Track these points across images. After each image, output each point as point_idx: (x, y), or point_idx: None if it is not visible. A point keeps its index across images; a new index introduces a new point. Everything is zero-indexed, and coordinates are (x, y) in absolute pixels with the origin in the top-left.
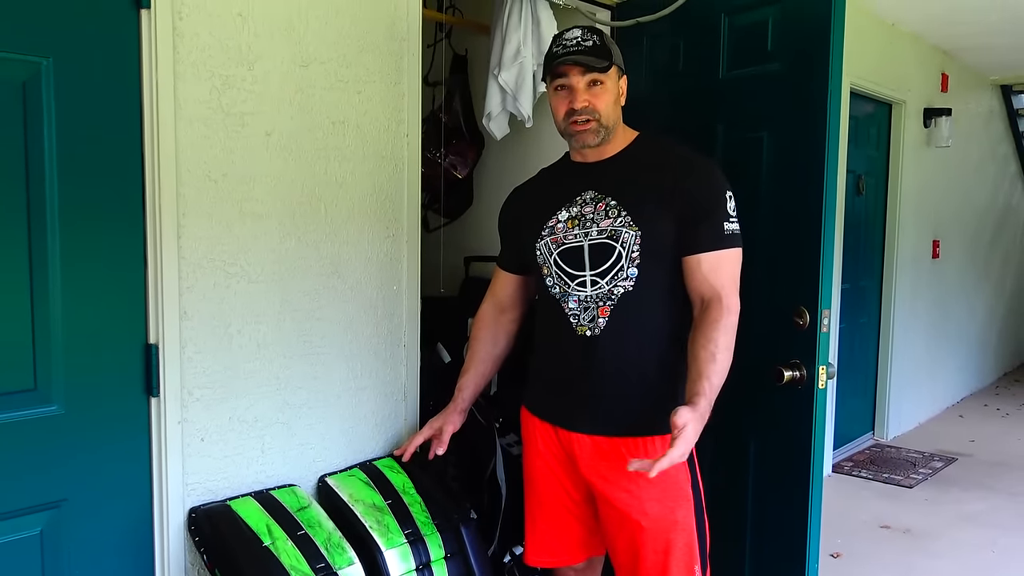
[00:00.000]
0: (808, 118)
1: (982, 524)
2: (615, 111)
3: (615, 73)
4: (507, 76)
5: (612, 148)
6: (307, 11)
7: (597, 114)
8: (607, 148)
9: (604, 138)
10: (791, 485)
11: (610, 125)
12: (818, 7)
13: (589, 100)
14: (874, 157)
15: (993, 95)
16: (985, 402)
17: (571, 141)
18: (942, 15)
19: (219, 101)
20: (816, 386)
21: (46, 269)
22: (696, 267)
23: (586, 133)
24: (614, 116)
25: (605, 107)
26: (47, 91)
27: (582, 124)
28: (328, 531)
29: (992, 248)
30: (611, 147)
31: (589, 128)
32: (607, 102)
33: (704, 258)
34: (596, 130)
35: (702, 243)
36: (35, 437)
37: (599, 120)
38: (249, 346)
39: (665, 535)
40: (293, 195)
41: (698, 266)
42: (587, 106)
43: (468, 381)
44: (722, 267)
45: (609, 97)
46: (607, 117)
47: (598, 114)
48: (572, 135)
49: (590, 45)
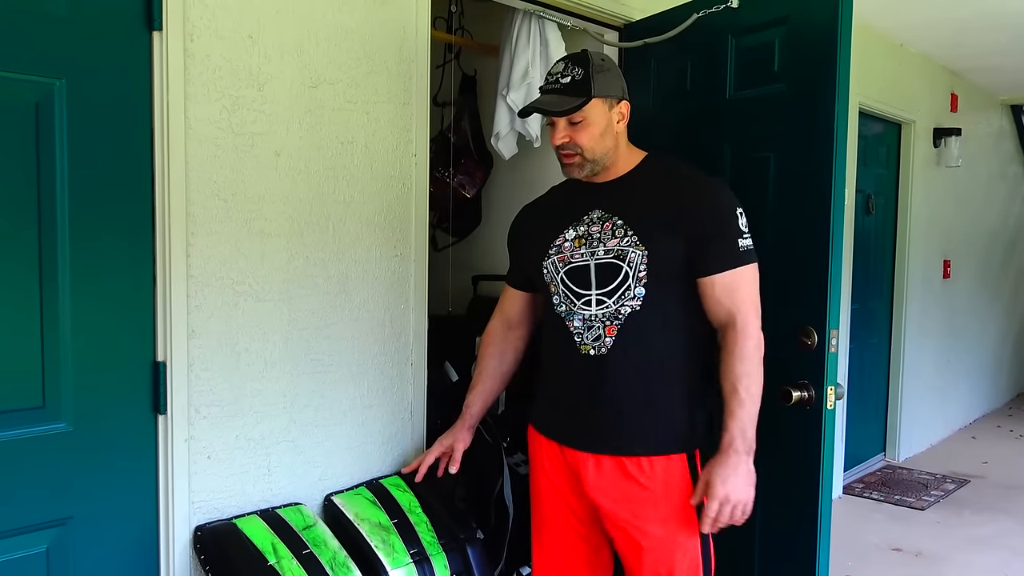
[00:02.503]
0: (815, 139)
1: (995, 547)
2: (602, 143)
3: (599, 105)
4: (516, 96)
5: (618, 169)
6: (317, 32)
7: (579, 148)
8: (610, 172)
9: (592, 170)
10: (800, 507)
11: (597, 158)
12: (824, 29)
13: (570, 136)
14: (884, 176)
15: (1003, 115)
16: (998, 423)
17: (563, 172)
18: (950, 36)
19: (229, 121)
20: (824, 407)
21: (56, 287)
22: (710, 289)
23: (572, 167)
24: (601, 148)
25: (589, 141)
26: (60, 111)
27: (568, 158)
28: (333, 550)
29: (1004, 268)
30: (617, 168)
31: (574, 162)
32: (591, 135)
33: (717, 279)
34: (580, 164)
35: (714, 264)
36: (43, 454)
37: (582, 155)
38: (256, 364)
39: (668, 557)
40: (302, 214)
41: (712, 288)
42: (567, 141)
43: (476, 397)
44: (738, 287)
45: (593, 131)
46: (591, 151)
47: (580, 148)
48: (563, 166)
49: (567, 82)
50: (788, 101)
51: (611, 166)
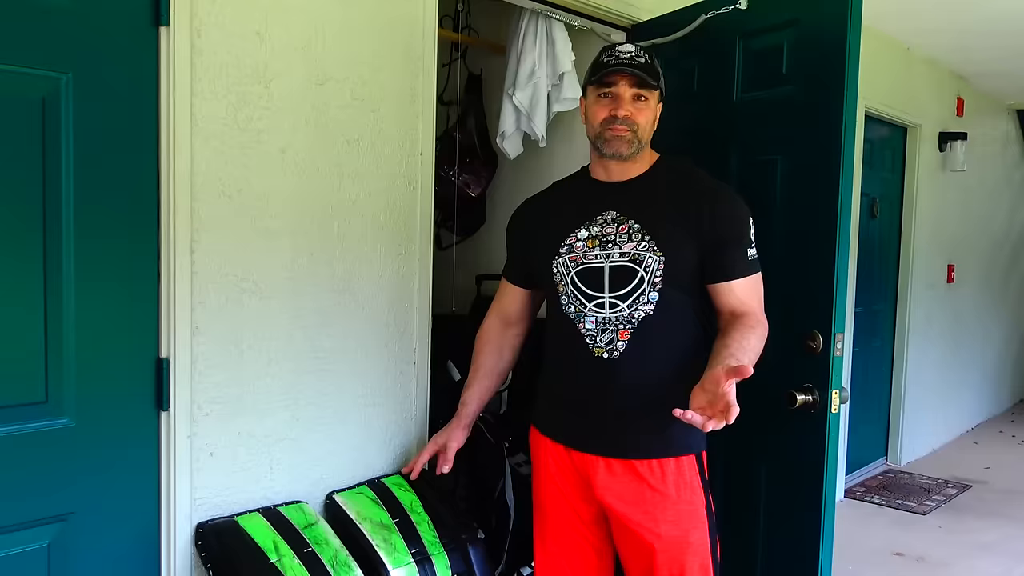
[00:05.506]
0: (823, 141)
1: (997, 553)
2: (650, 131)
3: (657, 95)
4: (522, 96)
5: (637, 169)
6: (324, 30)
7: (636, 126)
8: (632, 168)
9: (635, 152)
10: (803, 511)
11: (644, 141)
12: (834, 31)
13: (632, 112)
14: (889, 180)
15: (1009, 120)
16: (1001, 428)
17: (603, 147)
18: (956, 40)
19: (235, 118)
20: (829, 411)
21: (60, 282)
22: (726, 294)
23: (621, 141)
24: (648, 134)
25: (645, 122)
26: (66, 106)
27: (620, 131)
28: (335, 549)
29: (1008, 273)
30: (636, 168)
31: (625, 137)
32: (647, 118)
33: (736, 284)
34: (631, 140)
35: (733, 270)
36: (45, 450)
37: (636, 132)
38: (260, 362)
39: (680, 558)
40: (306, 212)
41: (730, 292)
42: (629, 117)
43: (472, 395)
44: (752, 292)
45: (650, 115)
46: (644, 132)
47: (636, 127)
48: (606, 140)
49: (643, 62)
50: (797, 104)
51: (639, 160)
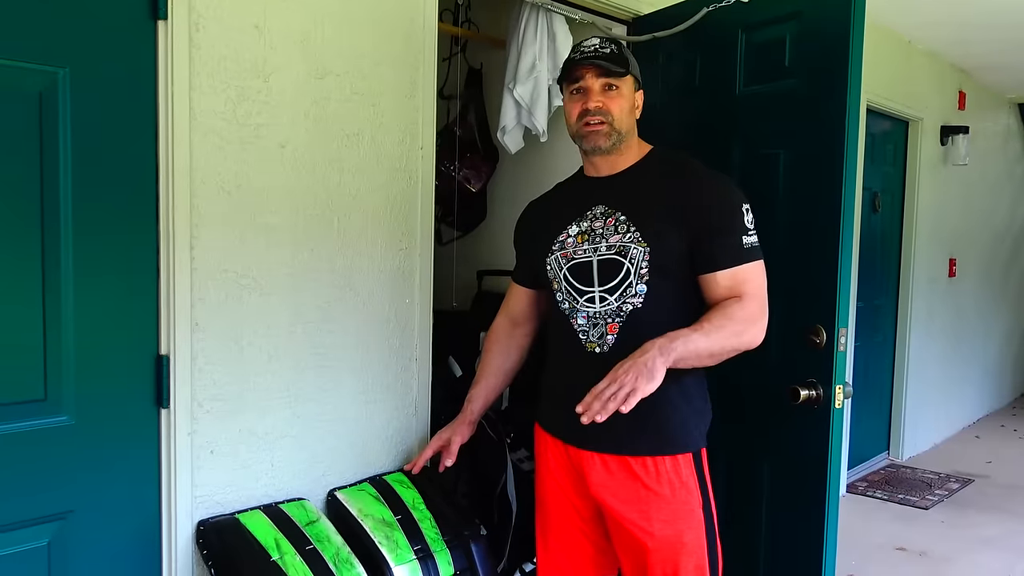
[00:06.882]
0: (825, 135)
1: (1000, 548)
2: (629, 119)
3: (631, 82)
4: (522, 90)
5: (625, 161)
6: (323, 23)
7: (610, 116)
8: (620, 161)
9: (615, 143)
10: (806, 506)
11: (623, 131)
12: (836, 24)
13: (603, 102)
14: (890, 174)
15: (1011, 114)
16: (1002, 422)
17: (582, 144)
18: (957, 33)
19: (234, 112)
20: (832, 405)
21: (58, 278)
22: (714, 285)
23: (598, 135)
24: (628, 123)
25: (619, 111)
26: (63, 101)
27: (594, 124)
28: (337, 546)
29: (1009, 267)
30: (624, 160)
31: (601, 130)
32: (621, 107)
33: (721, 276)
34: (608, 133)
35: (719, 260)
36: (44, 447)
37: (611, 123)
38: (260, 358)
39: (673, 558)
40: (306, 207)
41: (716, 284)
42: (600, 107)
43: (478, 393)
44: (745, 282)
45: (624, 103)
46: (620, 122)
47: (611, 117)
48: (583, 136)
49: (607, 52)
50: (799, 97)
51: (625, 152)
